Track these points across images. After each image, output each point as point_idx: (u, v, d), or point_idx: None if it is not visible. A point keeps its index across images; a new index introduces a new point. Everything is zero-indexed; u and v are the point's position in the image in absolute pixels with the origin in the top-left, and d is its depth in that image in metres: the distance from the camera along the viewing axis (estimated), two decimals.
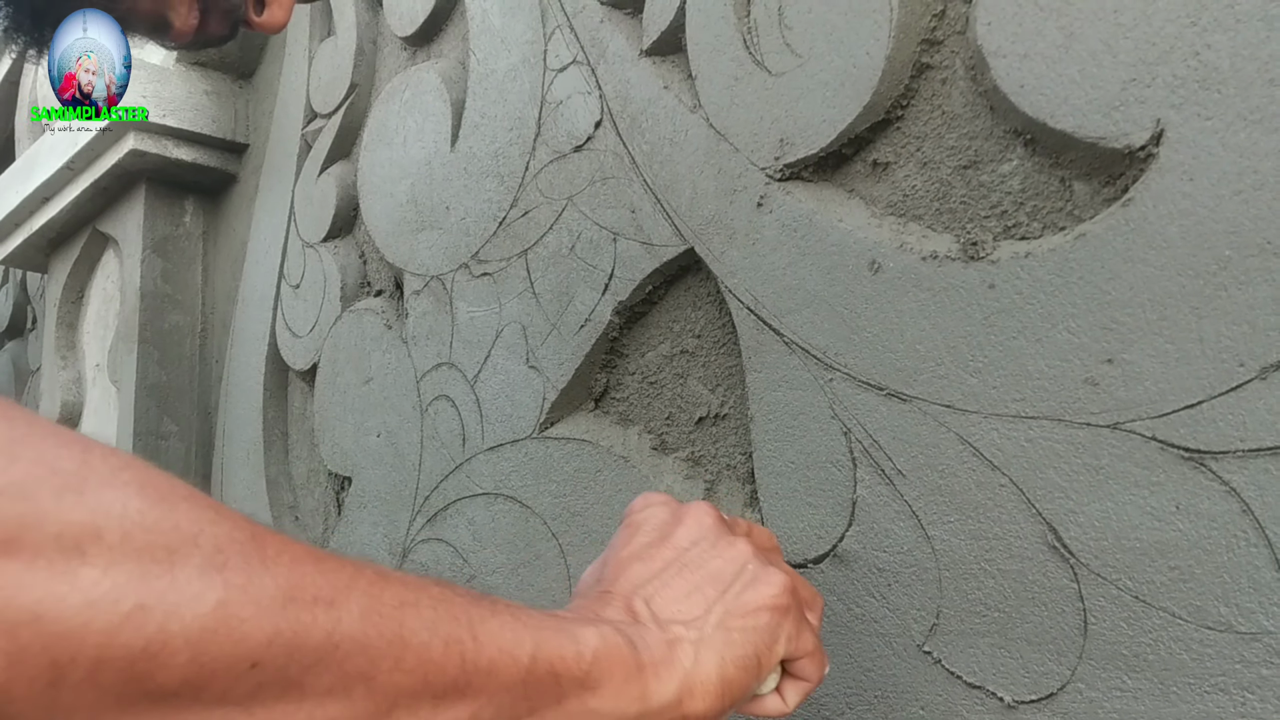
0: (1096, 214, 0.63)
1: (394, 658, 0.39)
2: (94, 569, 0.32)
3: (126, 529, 0.33)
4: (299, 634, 0.36)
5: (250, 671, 0.35)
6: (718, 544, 0.57)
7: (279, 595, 0.36)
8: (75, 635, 0.31)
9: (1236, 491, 0.55)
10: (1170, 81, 0.59)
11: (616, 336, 0.93)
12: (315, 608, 0.37)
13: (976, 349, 0.66)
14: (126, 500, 0.34)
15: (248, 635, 0.35)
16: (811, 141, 0.76)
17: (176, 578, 0.34)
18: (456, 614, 0.42)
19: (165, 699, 0.33)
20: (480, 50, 1.09)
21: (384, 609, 0.40)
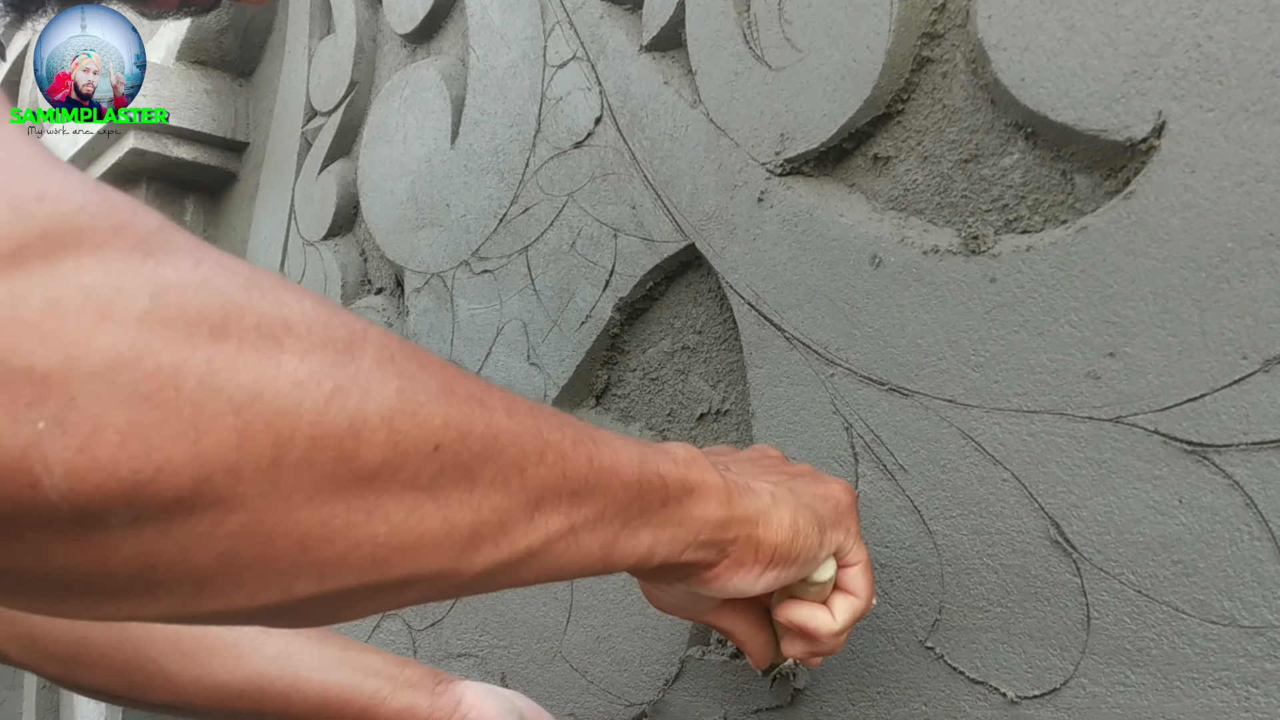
0: (1098, 207, 0.62)
1: (538, 452, 0.41)
2: (293, 355, 0.33)
3: (309, 322, 0.34)
4: (465, 422, 0.38)
5: (434, 454, 0.37)
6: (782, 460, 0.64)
7: (441, 388, 0.38)
8: (292, 413, 0.32)
9: (1240, 485, 0.54)
10: (1172, 73, 0.59)
11: (617, 333, 0.93)
12: (470, 402, 0.39)
13: (978, 343, 0.66)
14: (301, 298, 0.35)
15: (428, 419, 0.37)
16: (812, 136, 0.76)
17: (360, 365, 0.35)
18: (574, 422, 0.46)
19: (369, 480, 0.35)
20: (480, 47, 1.09)
21: (521, 409, 0.42)
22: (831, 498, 0.60)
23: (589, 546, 0.45)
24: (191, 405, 0.30)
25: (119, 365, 0.29)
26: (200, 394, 0.30)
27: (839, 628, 0.60)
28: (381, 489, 0.35)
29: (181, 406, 0.30)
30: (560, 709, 0.92)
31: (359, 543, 0.35)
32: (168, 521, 0.31)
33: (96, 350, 0.29)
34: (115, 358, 0.29)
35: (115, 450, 0.29)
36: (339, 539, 0.35)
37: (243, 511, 0.32)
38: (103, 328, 0.29)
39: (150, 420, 0.29)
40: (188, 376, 0.30)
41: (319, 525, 0.34)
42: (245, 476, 0.31)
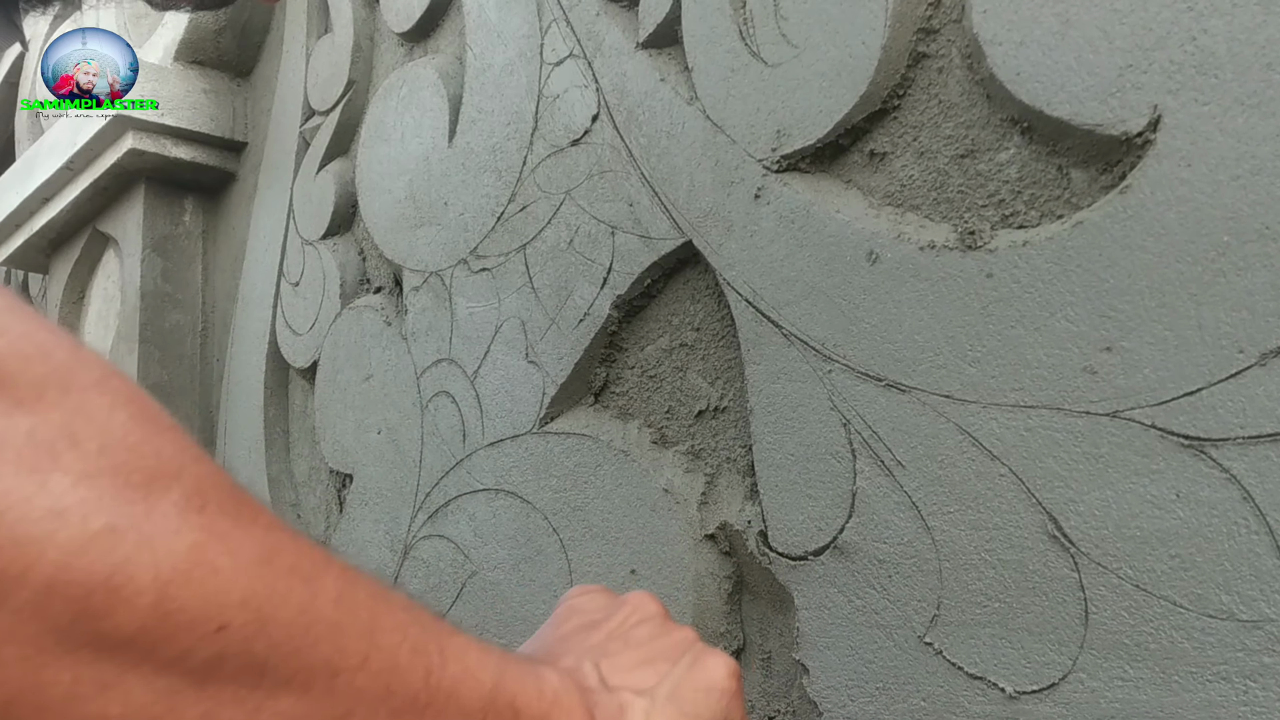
0: (1094, 202, 0.62)
1: (362, 654, 0.35)
2: (66, 476, 0.28)
3: (106, 442, 0.29)
4: (273, 601, 0.32)
5: (215, 635, 0.30)
6: (663, 625, 0.56)
7: (257, 554, 0.32)
8: (34, 545, 0.27)
9: (1237, 479, 0.54)
10: (1167, 67, 0.59)
11: (615, 330, 0.93)
12: (293, 578, 0.33)
13: (975, 339, 0.66)
14: (113, 411, 0.30)
15: (221, 590, 0.30)
16: (808, 132, 0.76)
17: (153, 507, 0.29)
18: (425, 623, 0.39)
19: (114, 649, 0.29)
20: (477, 45, 1.09)
21: (359, 598, 0.36)
22: (715, 689, 0.52)
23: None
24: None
25: None
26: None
27: None
28: (130, 663, 0.29)
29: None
30: None
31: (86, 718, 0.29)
32: None
33: None
34: None
35: None
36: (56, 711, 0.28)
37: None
38: None
39: None
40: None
41: (35, 689, 0.27)
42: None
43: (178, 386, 1.55)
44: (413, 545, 1.08)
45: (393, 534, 1.11)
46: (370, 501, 1.16)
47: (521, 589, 0.95)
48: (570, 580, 0.91)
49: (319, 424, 1.27)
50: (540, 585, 0.93)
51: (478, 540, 1.01)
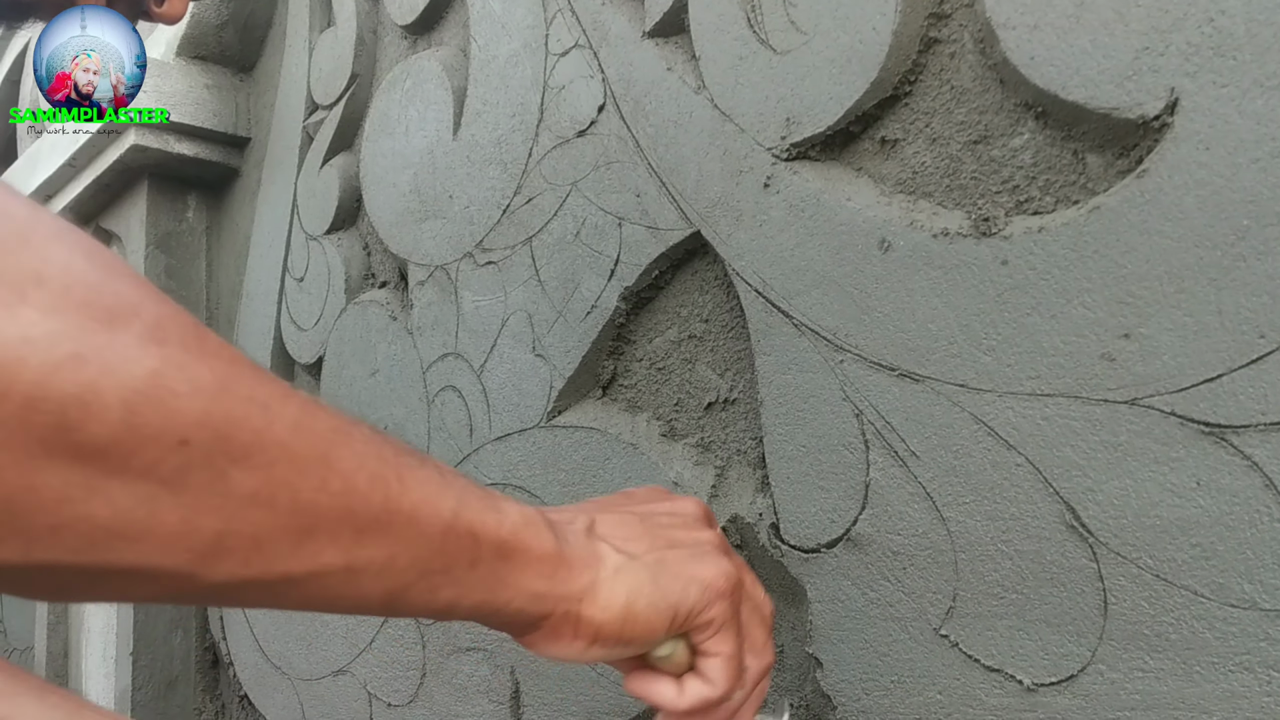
0: (1110, 186, 0.62)
1: (320, 477, 0.39)
2: (33, 310, 0.32)
3: (68, 282, 0.33)
4: (230, 423, 0.36)
5: (179, 448, 0.35)
6: (688, 523, 0.57)
7: (214, 383, 0.36)
8: (10, 368, 0.31)
9: (1259, 466, 0.54)
10: (1184, 49, 0.58)
11: (623, 323, 0.92)
12: (249, 405, 0.37)
13: (990, 327, 0.65)
14: (72, 257, 0.33)
15: (180, 410, 0.34)
16: (818, 120, 0.75)
17: (115, 338, 0.33)
18: (385, 455, 0.43)
19: (92, 457, 0.33)
20: (481, 37, 1.08)
21: (316, 428, 0.40)
22: (700, 582, 0.53)
23: (369, 589, 0.43)
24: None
25: None
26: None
27: (684, 706, 0.55)
28: (108, 470, 0.33)
29: None
30: (571, 703, 0.92)
31: (74, 519, 0.33)
32: None
33: None
34: None
35: None
36: (50, 511, 0.33)
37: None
38: None
39: None
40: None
41: (28, 490, 0.32)
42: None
43: None
44: None
45: None
46: None
47: None
48: None
49: None
50: None
51: None
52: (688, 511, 0.59)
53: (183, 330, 0.36)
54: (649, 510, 0.58)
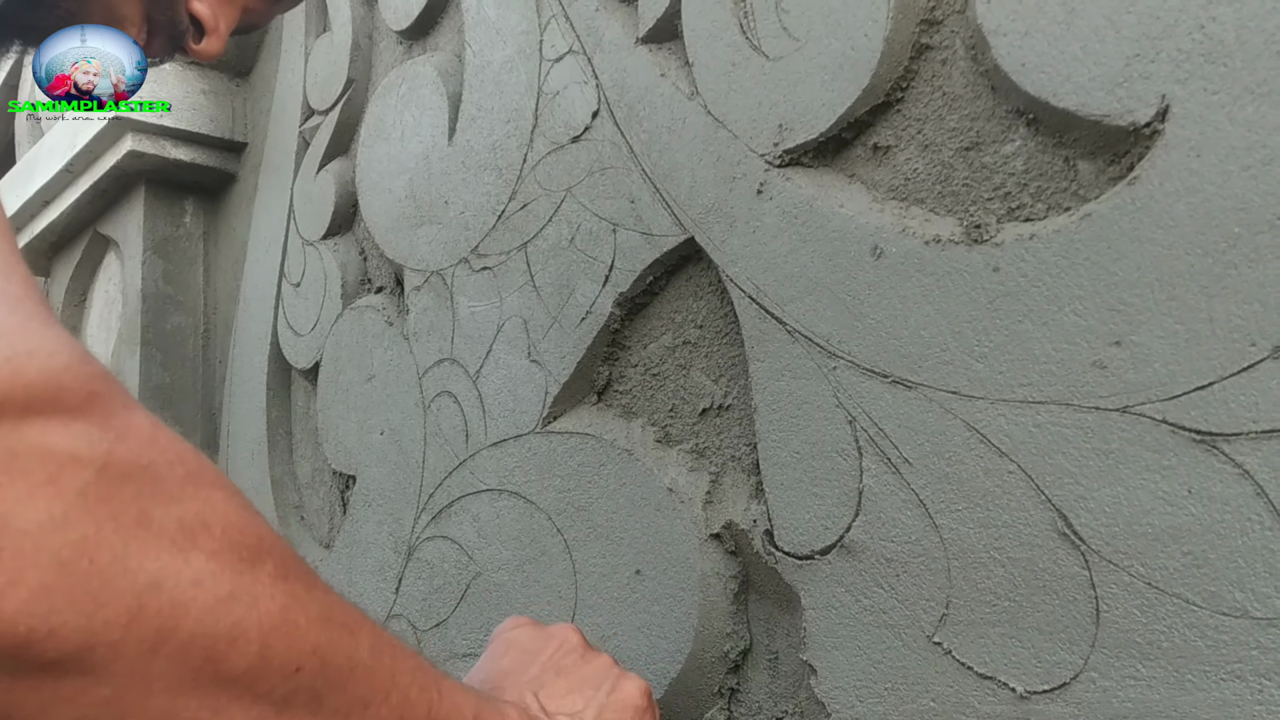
0: (1102, 193, 0.62)
1: (385, 692, 0.44)
2: (202, 553, 0.36)
3: (225, 525, 0.37)
4: (332, 651, 0.41)
5: (294, 675, 0.39)
6: (585, 654, 0.67)
7: (321, 613, 0.41)
8: (183, 607, 0.35)
9: (1250, 474, 0.54)
10: (1175, 56, 0.58)
11: (618, 328, 0.92)
12: (343, 631, 0.42)
13: (981, 334, 0.65)
14: (226, 500, 0.38)
15: (300, 640, 0.39)
16: (811, 126, 0.75)
17: (258, 577, 0.38)
18: (426, 668, 0.48)
19: (228, 684, 0.37)
20: (476, 42, 1.08)
21: (384, 647, 0.45)
22: (630, 707, 0.64)
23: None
24: (99, 579, 0.33)
25: (48, 528, 0.32)
26: (109, 571, 0.33)
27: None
28: (235, 695, 0.37)
29: (90, 578, 0.32)
30: None
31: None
32: (40, 680, 0.32)
33: (33, 511, 0.32)
34: (48, 521, 0.32)
35: (20, 606, 0.31)
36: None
37: (108, 686, 0.34)
38: (45, 491, 0.32)
39: (60, 585, 0.32)
40: (102, 552, 0.33)
41: (167, 714, 0.35)
42: (123, 654, 0.34)
43: (180, 389, 1.55)
44: (416, 546, 1.08)
45: (396, 535, 1.11)
46: (373, 503, 1.15)
47: (526, 590, 0.95)
48: (574, 581, 0.90)
49: (321, 425, 1.26)
50: (544, 586, 0.93)
51: (481, 541, 1.00)
52: (575, 644, 0.68)
53: (298, 565, 0.41)
54: (554, 659, 0.66)
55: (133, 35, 0.72)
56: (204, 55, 0.77)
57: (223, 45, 0.78)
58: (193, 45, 0.76)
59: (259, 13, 0.82)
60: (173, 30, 0.75)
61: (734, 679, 0.80)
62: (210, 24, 0.76)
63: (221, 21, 0.77)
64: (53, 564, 0.32)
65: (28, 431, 0.32)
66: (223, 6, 0.77)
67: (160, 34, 0.74)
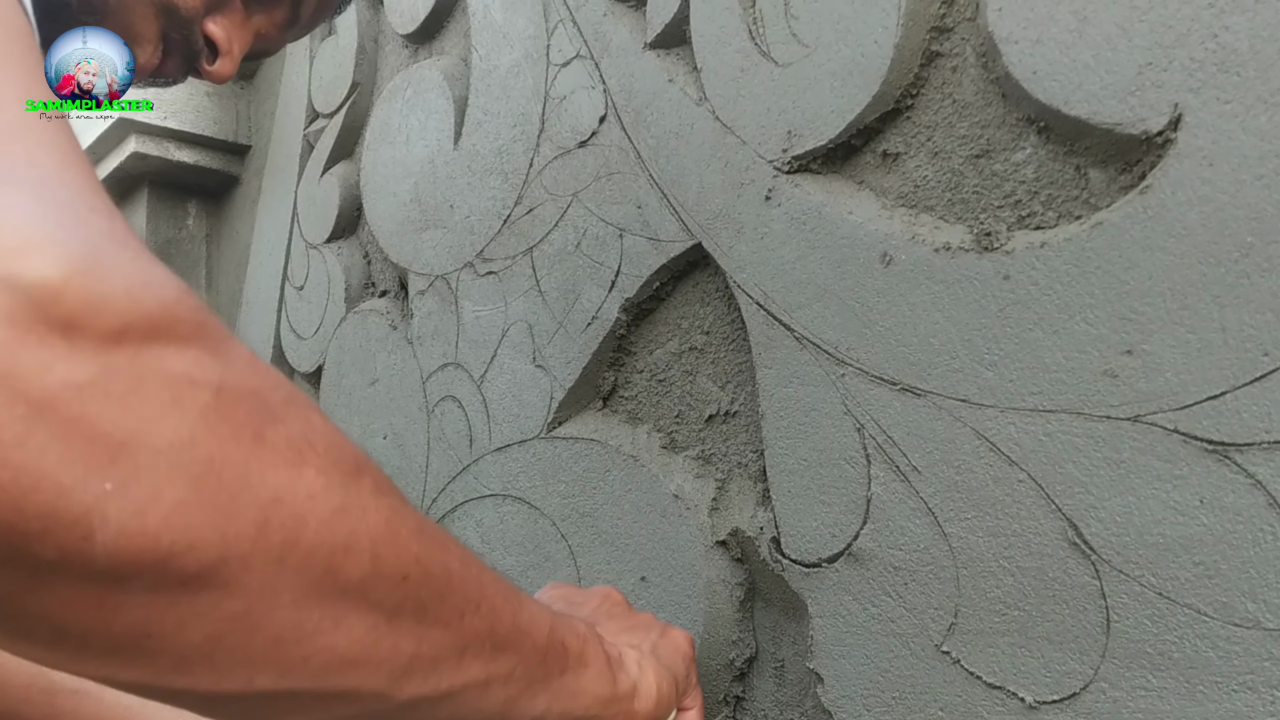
0: (1113, 202, 0.61)
1: (476, 603, 0.46)
2: (312, 469, 0.37)
3: (328, 444, 0.38)
4: (432, 561, 0.42)
5: (402, 583, 0.41)
6: (630, 609, 0.70)
7: (418, 525, 0.42)
8: (302, 520, 0.36)
9: (1262, 484, 0.53)
10: (1188, 65, 0.58)
11: (624, 334, 0.92)
12: (437, 544, 0.43)
13: (992, 342, 0.65)
14: (323, 420, 0.40)
15: (404, 551, 0.41)
16: (820, 133, 0.75)
17: (362, 490, 0.39)
18: (504, 581, 0.49)
19: (346, 593, 0.38)
20: (482, 46, 1.08)
21: (471, 560, 0.47)
22: (680, 651, 0.66)
23: (494, 699, 0.48)
24: (227, 494, 0.34)
25: (179, 447, 0.33)
26: (235, 486, 0.34)
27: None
28: (353, 604, 0.39)
29: (219, 493, 0.34)
30: None
31: (321, 649, 0.38)
32: (177, 595, 0.33)
33: (164, 431, 0.33)
34: (177, 440, 0.33)
35: (162, 521, 0.32)
36: (307, 642, 0.38)
37: (240, 599, 0.35)
38: (173, 412, 0.33)
39: (194, 501, 0.33)
40: (228, 469, 0.34)
41: (295, 625, 0.37)
42: (252, 567, 0.35)
43: None
44: None
45: None
46: None
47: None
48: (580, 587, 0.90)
49: None
50: None
51: (485, 546, 1.00)
52: (620, 599, 0.71)
53: (389, 482, 0.43)
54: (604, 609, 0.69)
55: (148, 53, 0.74)
56: (216, 77, 0.79)
57: (235, 67, 0.79)
58: (206, 66, 0.78)
59: (271, 39, 0.84)
60: (188, 50, 0.76)
61: (740, 687, 0.80)
62: (224, 46, 0.78)
63: (235, 44, 0.79)
64: (186, 480, 0.33)
65: (149, 357, 0.33)
66: (237, 30, 0.79)
67: (175, 53, 0.76)
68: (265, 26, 0.82)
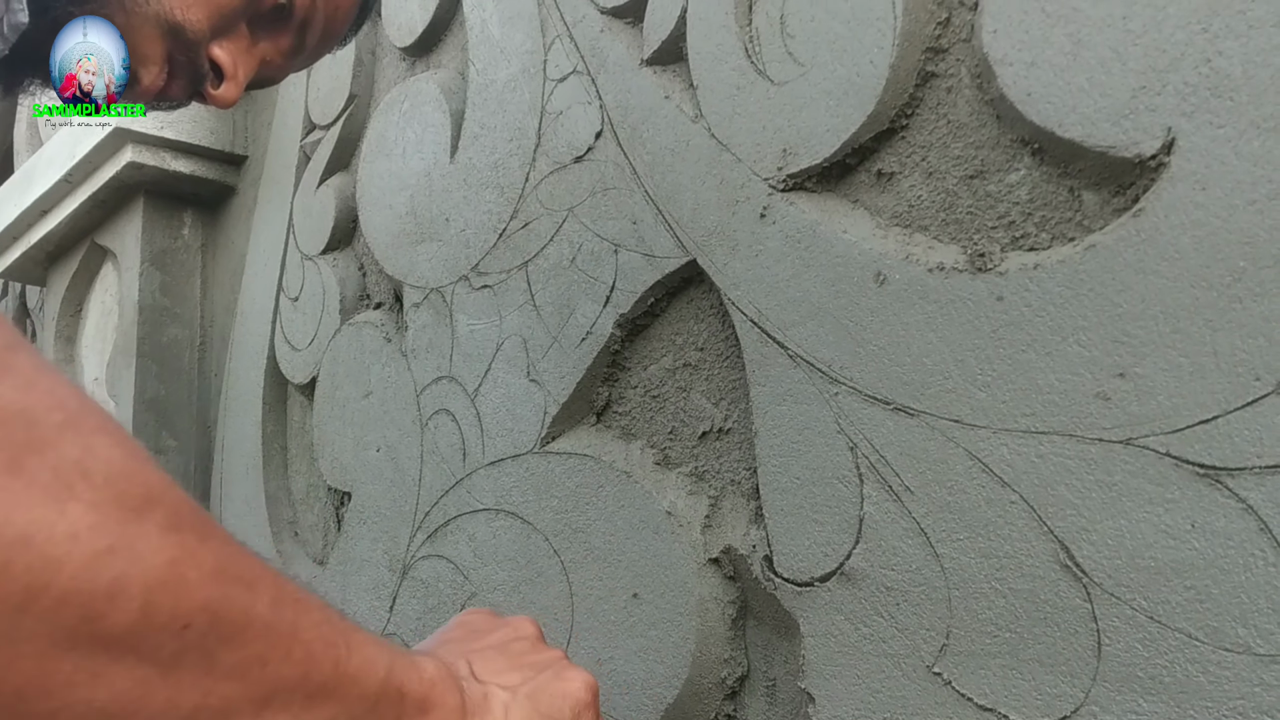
0: (1106, 224, 0.61)
1: (285, 648, 0.42)
2: (80, 504, 0.33)
3: (110, 474, 0.35)
4: (225, 606, 0.38)
5: (182, 632, 0.36)
6: (535, 645, 0.64)
7: (215, 567, 0.38)
8: (54, 564, 0.32)
9: (1254, 509, 0.53)
10: (1181, 89, 0.58)
11: (618, 349, 0.92)
12: (239, 586, 0.39)
13: (985, 362, 0.65)
14: (112, 447, 0.36)
15: (188, 596, 0.37)
16: (815, 151, 0.75)
17: (144, 528, 0.35)
18: (334, 621, 0.46)
19: (108, 645, 0.34)
20: (479, 60, 1.08)
21: (286, 600, 0.42)
22: (569, 697, 0.59)
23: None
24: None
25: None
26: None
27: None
28: (117, 656, 0.35)
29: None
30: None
31: (75, 703, 0.34)
32: None
33: None
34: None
35: None
36: (56, 696, 0.34)
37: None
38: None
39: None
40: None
41: (41, 678, 0.33)
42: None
43: (175, 401, 1.54)
44: (411, 565, 1.07)
45: (391, 553, 1.10)
46: (369, 520, 1.15)
47: (522, 611, 0.94)
48: (571, 603, 0.90)
49: (317, 441, 1.26)
50: (541, 608, 0.92)
51: (477, 561, 1.00)
52: (530, 633, 0.65)
53: (192, 515, 0.38)
54: (502, 641, 0.63)
55: (153, 74, 0.74)
56: (221, 101, 0.79)
57: (240, 92, 0.79)
58: (211, 90, 0.78)
59: (276, 66, 0.84)
60: (193, 73, 0.76)
61: (731, 705, 0.80)
62: (229, 70, 0.77)
63: (240, 69, 0.78)
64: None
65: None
66: (242, 55, 0.79)
67: (181, 76, 0.76)
68: (271, 53, 0.82)
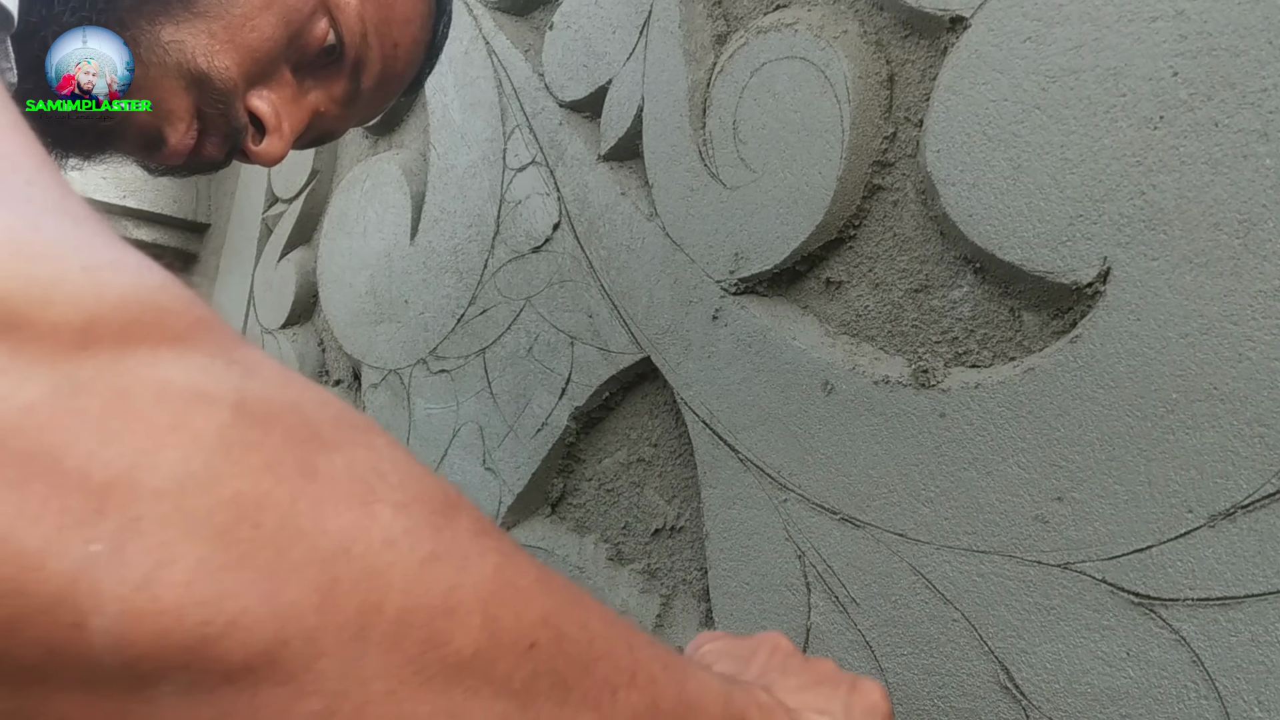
0: (1046, 346, 0.63)
1: (629, 671, 0.34)
2: (387, 506, 0.27)
3: (404, 476, 0.29)
4: (563, 620, 0.31)
5: (529, 653, 0.30)
6: (804, 657, 0.56)
7: (538, 576, 0.32)
8: (381, 575, 0.26)
9: (1186, 641, 0.54)
10: (1116, 219, 0.59)
11: (574, 441, 0.92)
12: (565, 595, 0.33)
13: (928, 477, 0.66)
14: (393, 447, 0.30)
15: (526, 607, 0.30)
16: (766, 257, 0.76)
17: (458, 532, 0.29)
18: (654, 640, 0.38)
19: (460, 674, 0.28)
20: (440, 144, 1.09)
21: (612, 618, 0.35)
22: (877, 709, 0.53)
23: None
24: (272, 549, 0.24)
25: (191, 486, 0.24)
26: (282, 536, 0.25)
27: None
28: (472, 689, 0.28)
29: (261, 547, 0.24)
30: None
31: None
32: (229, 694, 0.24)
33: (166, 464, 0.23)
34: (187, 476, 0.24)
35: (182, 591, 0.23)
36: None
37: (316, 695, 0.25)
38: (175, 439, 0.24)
39: (223, 560, 0.24)
40: (269, 513, 0.25)
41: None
42: (324, 648, 0.25)
43: None
44: None
45: None
46: None
47: None
48: None
49: None
50: None
51: None
52: (787, 645, 0.57)
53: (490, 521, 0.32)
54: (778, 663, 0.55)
55: (180, 132, 0.65)
56: (264, 158, 0.69)
57: (287, 147, 0.70)
58: (252, 146, 0.69)
59: (333, 116, 0.73)
60: (228, 128, 0.67)
61: None
62: (271, 123, 0.68)
63: (286, 121, 0.69)
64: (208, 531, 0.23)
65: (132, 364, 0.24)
66: (287, 105, 0.69)
67: (214, 132, 0.67)
68: (324, 102, 0.71)
